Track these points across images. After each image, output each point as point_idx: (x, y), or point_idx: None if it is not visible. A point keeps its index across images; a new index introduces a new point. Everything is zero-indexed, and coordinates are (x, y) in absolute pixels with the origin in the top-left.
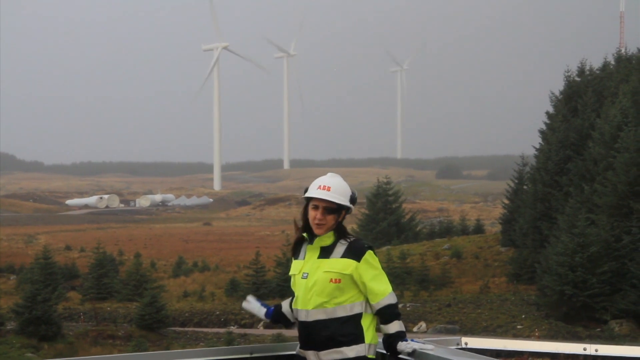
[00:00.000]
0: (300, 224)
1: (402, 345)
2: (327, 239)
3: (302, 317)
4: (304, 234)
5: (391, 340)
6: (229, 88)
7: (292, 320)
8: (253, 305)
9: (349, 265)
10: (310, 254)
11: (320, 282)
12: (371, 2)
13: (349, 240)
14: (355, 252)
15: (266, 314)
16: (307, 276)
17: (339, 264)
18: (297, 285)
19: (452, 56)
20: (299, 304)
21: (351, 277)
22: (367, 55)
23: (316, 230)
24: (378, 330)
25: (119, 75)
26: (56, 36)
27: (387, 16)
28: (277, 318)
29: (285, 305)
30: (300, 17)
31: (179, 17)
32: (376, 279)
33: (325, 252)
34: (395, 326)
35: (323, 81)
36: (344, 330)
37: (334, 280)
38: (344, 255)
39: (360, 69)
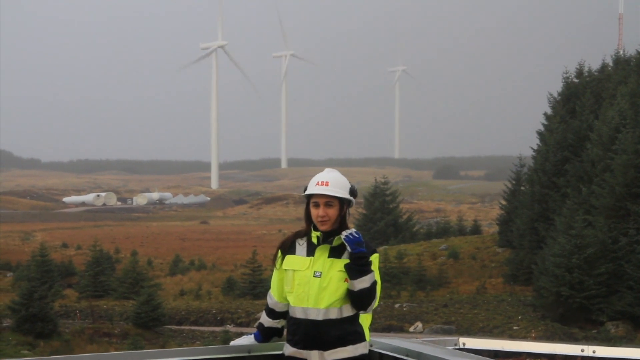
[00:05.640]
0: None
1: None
2: (337, 240)
3: (313, 316)
4: (317, 233)
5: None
6: (227, 87)
7: (279, 326)
8: (240, 339)
9: None
10: (319, 252)
11: (334, 281)
12: (372, 4)
13: None
14: None
15: (256, 338)
16: (320, 275)
17: None
18: (302, 282)
19: (451, 57)
20: (309, 302)
21: None
22: (366, 55)
23: (321, 227)
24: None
25: (117, 74)
26: (54, 36)
27: (387, 17)
28: (266, 334)
29: (265, 320)
30: (298, 16)
31: (178, 17)
32: None
33: (336, 252)
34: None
35: (321, 81)
36: (351, 329)
37: (346, 280)
38: None
39: (358, 68)
